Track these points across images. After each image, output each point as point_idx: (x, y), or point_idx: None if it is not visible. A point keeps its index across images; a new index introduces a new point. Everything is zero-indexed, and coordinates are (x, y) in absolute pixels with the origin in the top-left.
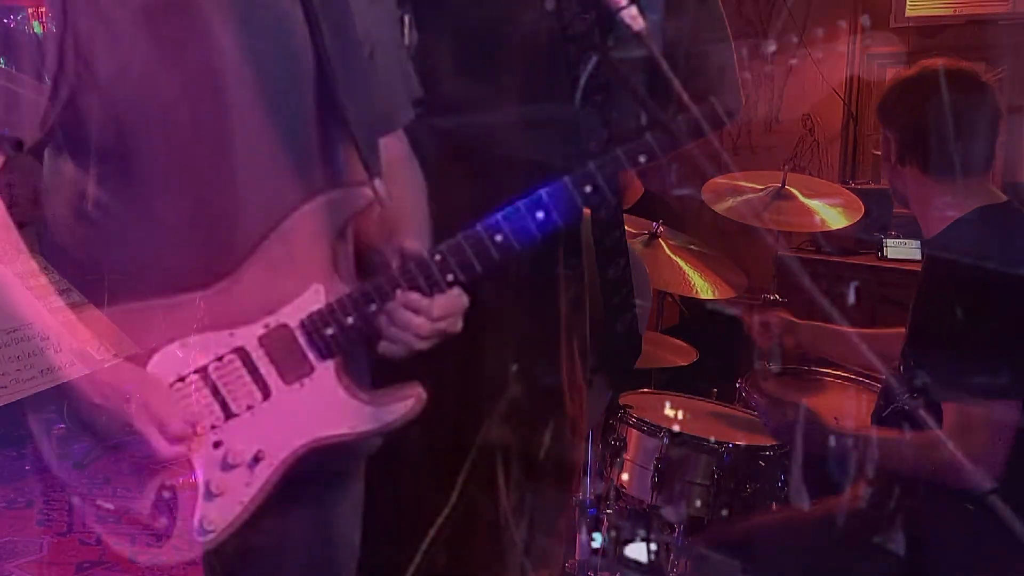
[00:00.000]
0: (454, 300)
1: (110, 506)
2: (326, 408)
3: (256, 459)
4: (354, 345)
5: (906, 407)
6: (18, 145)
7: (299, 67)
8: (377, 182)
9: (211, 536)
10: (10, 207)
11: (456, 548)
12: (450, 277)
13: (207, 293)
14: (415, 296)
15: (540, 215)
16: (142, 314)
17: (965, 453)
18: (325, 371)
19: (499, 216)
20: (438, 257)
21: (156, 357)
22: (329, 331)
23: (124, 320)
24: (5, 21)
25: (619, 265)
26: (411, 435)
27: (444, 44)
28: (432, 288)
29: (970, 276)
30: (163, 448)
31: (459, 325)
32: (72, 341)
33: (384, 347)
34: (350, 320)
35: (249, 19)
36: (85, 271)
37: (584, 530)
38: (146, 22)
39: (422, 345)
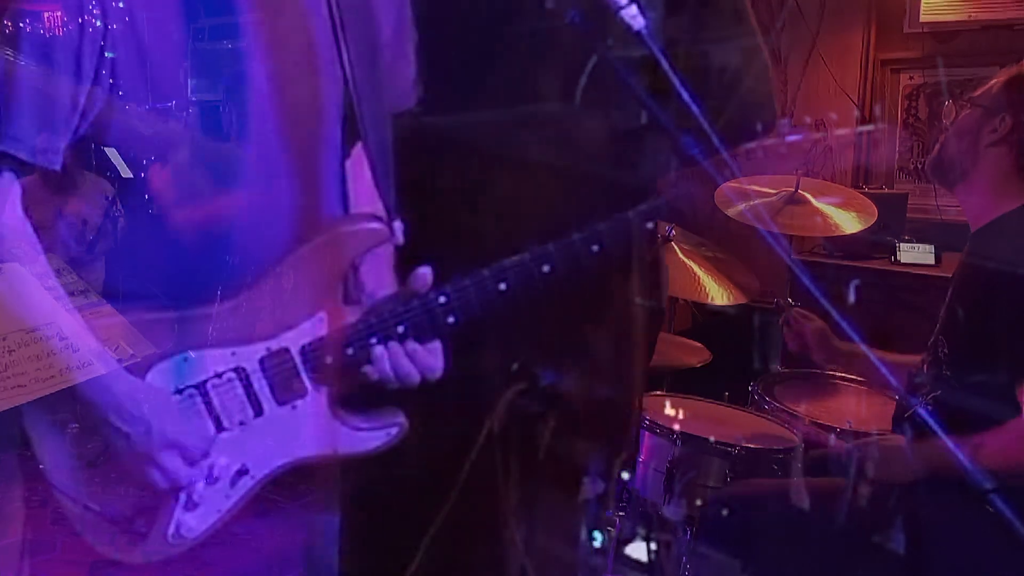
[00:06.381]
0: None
1: (96, 507)
2: (313, 430)
3: (240, 473)
4: (350, 374)
5: (929, 404)
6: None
7: (325, 93)
8: (396, 224)
9: (185, 542)
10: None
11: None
12: (451, 319)
13: (213, 310)
14: (421, 350)
15: (546, 268)
16: (150, 326)
17: None
18: (317, 396)
19: (506, 264)
20: (443, 300)
21: (157, 367)
22: (328, 359)
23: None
24: (42, 21)
25: None
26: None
27: (443, 43)
28: (432, 326)
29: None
30: (183, 474)
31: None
32: (90, 341)
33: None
34: (350, 351)
35: (280, 43)
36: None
37: (592, 530)
38: (181, 31)
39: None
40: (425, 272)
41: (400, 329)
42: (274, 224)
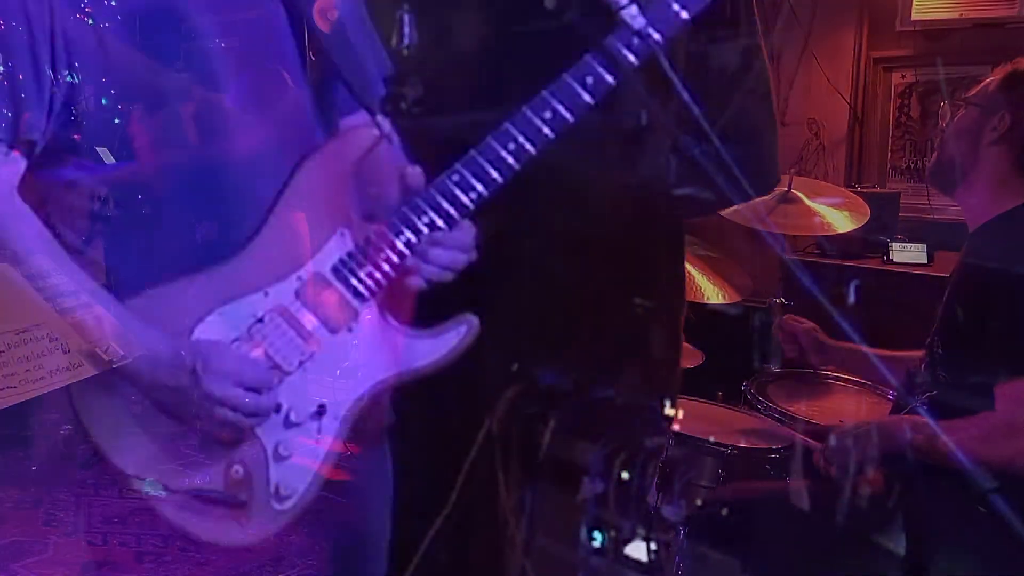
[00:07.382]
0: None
1: (182, 487)
2: (379, 350)
3: (319, 413)
4: (392, 282)
5: (925, 403)
6: (31, 149)
7: (280, 38)
8: (380, 118)
9: (290, 503)
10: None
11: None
12: (473, 194)
13: (233, 260)
14: (448, 233)
15: (547, 115)
16: (171, 294)
17: None
18: (369, 313)
19: (508, 124)
20: (456, 177)
21: (196, 331)
22: (363, 271)
23: (153, 303)
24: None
25: None
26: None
27: (443, 44)
28: (457, 208)
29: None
30: (249, 402)
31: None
32: (80, 342)
33: (413, 281)
34: (383, 256)
35: (229, 12)
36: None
37: (585, 529)
38: (129, 24)
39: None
40: (415, 169)
41: (426, 220)
42: (268, 165)
